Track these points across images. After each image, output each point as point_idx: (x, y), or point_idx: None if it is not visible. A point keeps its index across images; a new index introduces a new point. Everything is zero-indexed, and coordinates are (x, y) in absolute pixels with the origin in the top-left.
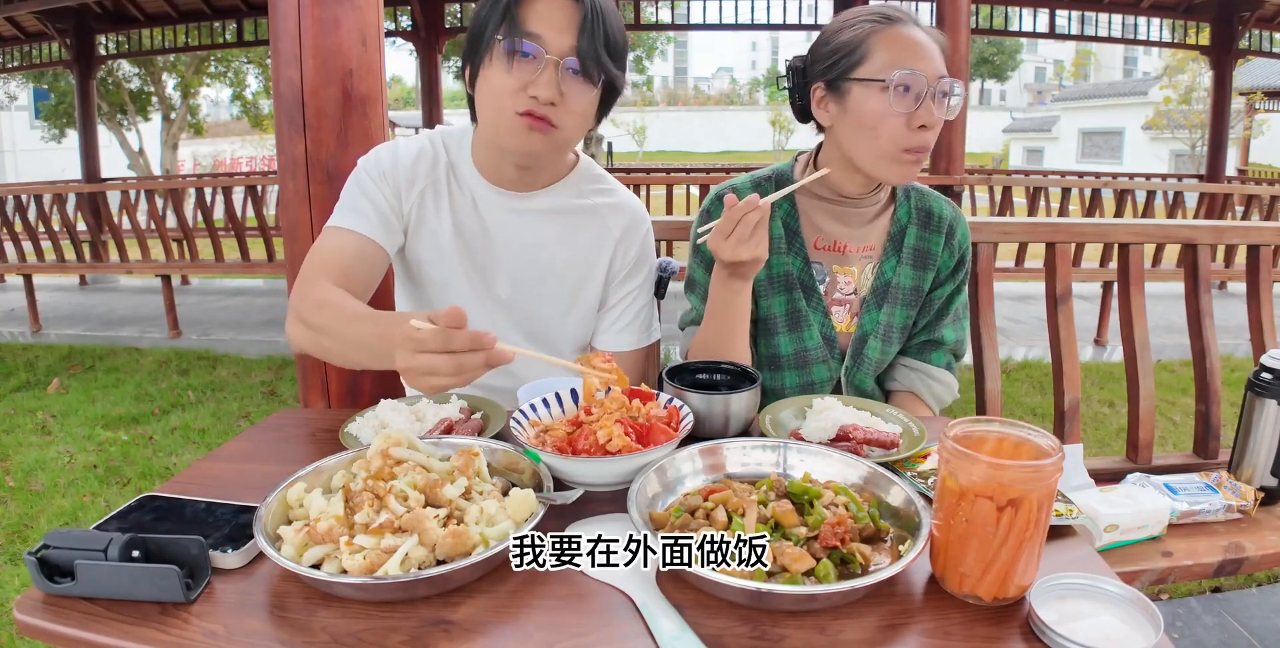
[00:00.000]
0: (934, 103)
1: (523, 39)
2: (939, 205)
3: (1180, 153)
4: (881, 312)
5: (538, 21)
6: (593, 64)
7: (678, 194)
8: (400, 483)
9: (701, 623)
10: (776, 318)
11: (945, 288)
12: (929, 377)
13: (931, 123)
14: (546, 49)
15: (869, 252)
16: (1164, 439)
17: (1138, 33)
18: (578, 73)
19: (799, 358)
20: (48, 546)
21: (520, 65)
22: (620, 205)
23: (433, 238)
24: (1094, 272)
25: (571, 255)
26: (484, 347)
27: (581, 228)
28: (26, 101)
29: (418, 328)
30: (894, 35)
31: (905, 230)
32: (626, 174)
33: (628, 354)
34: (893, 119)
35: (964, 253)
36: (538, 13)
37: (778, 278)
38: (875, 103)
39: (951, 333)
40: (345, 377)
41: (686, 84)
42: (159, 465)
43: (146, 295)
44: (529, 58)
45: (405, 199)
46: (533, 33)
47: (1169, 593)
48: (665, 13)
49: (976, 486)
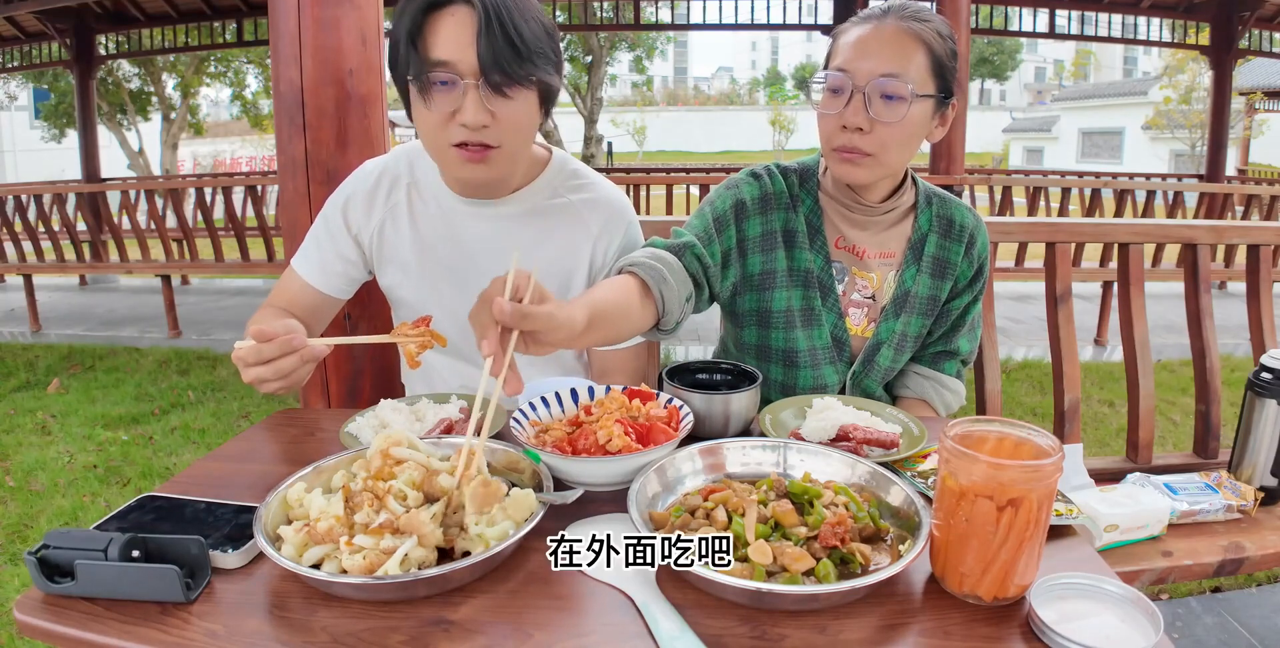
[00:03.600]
0: (866, 104)
1: (431, 71)
2: (960, 213)
3: (1180, 153)
4: (899, 321)
5: (442, 46)
6: (512, 74)
7: (678, 194)
8: (399, 482)
9: (701, 623)
10: (794, 312)
11: (963, 298)
12: (941, 385)
13: (851, 124)
14: (460, 73)
15: (889, 258)
16: (1164, 439)
17: (1138, 33)
18: (500, 88)
19: (812, 355)
20: (48, 546)
21: (440, 97)
22: (596, 201)
23: (398, 264)
24: (1094, 271)
25: (551, 258)
26: (294, 350)
27: (558, 229)
28: (26, 101)
29: (238, 348)
30: (850, 33)
31: (926, 238)
32: (626, 174)
33: (622, 352)
34: (825, 118)
35: (983, 263)
36: (440, 38)
37: (798, 273)
38: (818, 102)
39: (967, 343)
40: (345, 377)
41: (686, 84)
42: (159, 465)
43: (146, 295)
44: (446, 86)
45: (365, 233)
46: (440, 61)
47: (1169, 593)
48: (665, 13)
49: (976, 485)
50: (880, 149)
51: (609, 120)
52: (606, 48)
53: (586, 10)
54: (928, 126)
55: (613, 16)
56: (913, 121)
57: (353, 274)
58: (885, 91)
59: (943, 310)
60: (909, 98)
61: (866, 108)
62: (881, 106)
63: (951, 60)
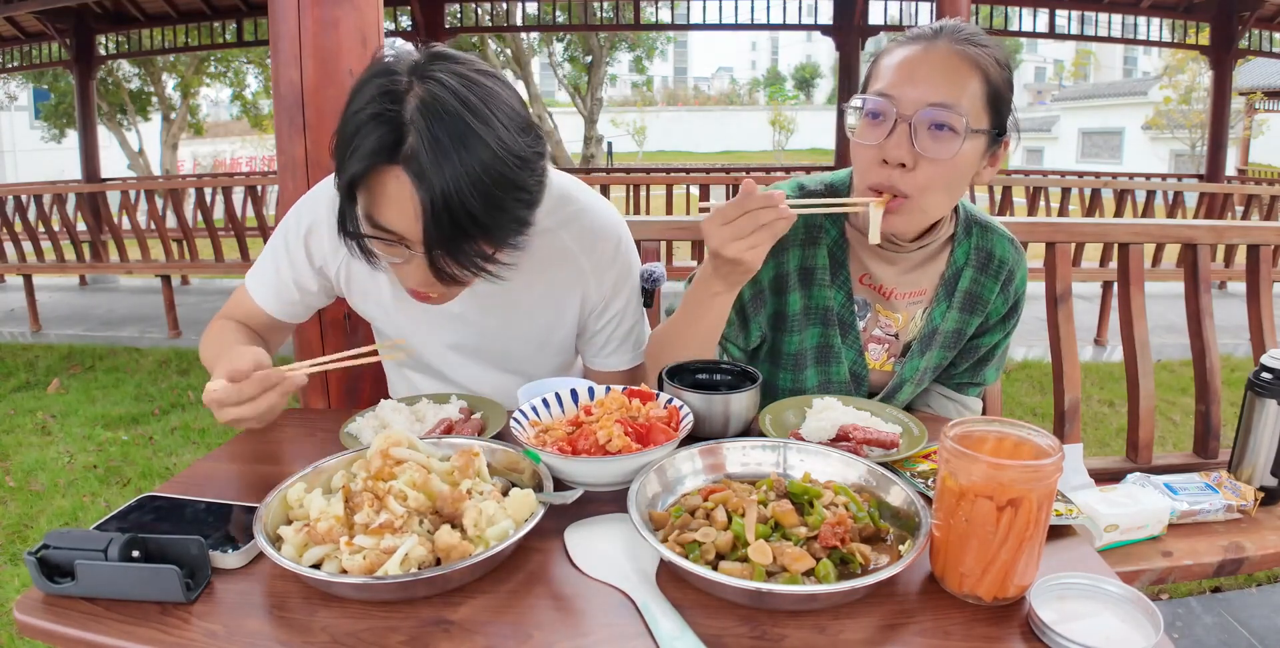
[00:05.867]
0: (911, 136)
1: (372, 259)
2: (1002, 246)
3: (1180, 153)
4: (923, 359)
5: (387, 214)
6: (466, 265)
7: (678, 194)
8: (400, 483)
9: (701, 623)
10: (806, 352)
11: (994, 336)
12: (964, 406)
13: (894, 159)
14: (411, 247)
15: (918, 297)
16: (1164, 439)
17: (1138, 33)
18: (446, 271)
19: (823, 390)
20: (48, 546)
21: (385, 250)
22: (586, 231)
23: (372, 298)
24: (1094, 272)
25: (537, 297)
26: (273, 384)
27: (545, 265)
28: (26, 102)
29: (213, 389)
30: (895, 54)
31: (961, 273)
32: (626, 174)
33: (623, 373)
34: (863, 149)
35: (1018, 299)
36: (386, 216)
37: (815, 311)
38: (855, 130)
39: (994, 374)
40: (344, 377)
41: (686, 84)
42: (159, 465)
43: (146, 295)
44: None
45: (331, 265)
46: (386, 228)
47: (1169, 593)
48: (665, 13)
49: (976, 485)
50: (922, 191)
51: (609, 120)
52: (606, 48)
53: (586, 10)
54: (976, 167)
55: (613, 16)
56: (963, 160)
57: (310, 303)
58: (935, 122)
59: (969, 346)
60: (962, 132)
61: (912, 141)
62: (929, 140)
63: (1008, 91)
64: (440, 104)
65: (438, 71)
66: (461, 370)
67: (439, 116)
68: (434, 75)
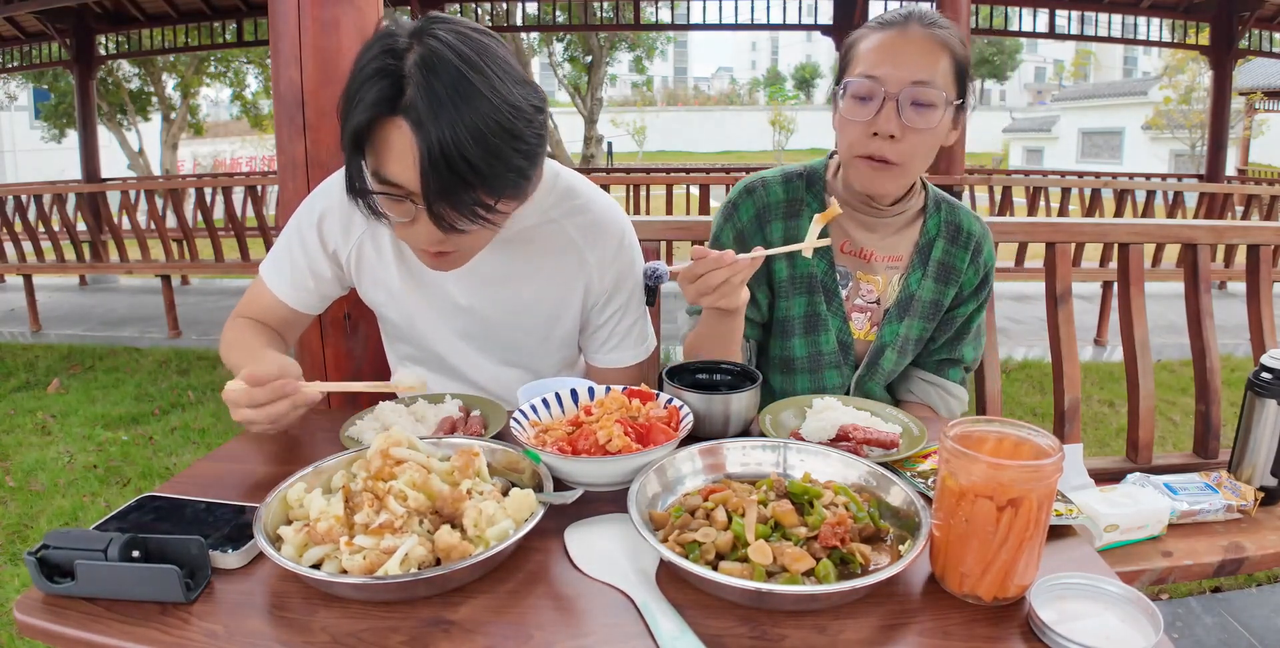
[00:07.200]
0: (898, 111)
1: (380, 218)
2: (968, 221)
3: (1180, 153)
4: (902, 324)
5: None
6: (464, 214)
7: (678, 194)
8: (400, 483)
9: (701, 623)
10: (794, 320)
11: (968, 306)
12: (946, 391)
13: (885, 132)
14: (416, 202)
15: (895, 262)
16: (1164, 439)
17: (1138, 33)
18: (452, 226)
19: (812, 361)
20: (48, 546)
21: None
22: (591, 225)
23: (381, 284)
24: (1094, 271)
25: (541, 288)
26: (286, 395)
27: (549, 256)
28: (26, 102)
29: (230, 389)
30: (876, 39)
31: (933, 243)
32: (626, 174)
33: (625, 370)
34: (852, 125)
35: (988, 271)
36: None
37: (800, 279)
38: (844, 108)
39: (971, 352)
40: (345, 378)
41: (686, 84)
42: (159, 465)
43: (146, 295)
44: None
45: (343, 251)
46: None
47: (1169, 593)
48: (665, 13)
49: (976, 485)
50: (908, 158)
51: (609, 120)
52: (606, 48)
53: (586, 10)
54: (946, 132)
55: (613, 16)
56: (940, 128)
57: (325, 291)
58: (918, 99)
59: (946, 317)
60: (941, 105)
61: (899, 115)
62: (914, 114)
63: (969, 66)
64: (438, 57)
65: (436, 30)
66: (466, 361)
67: (437, 69)
68: (433, 33)
